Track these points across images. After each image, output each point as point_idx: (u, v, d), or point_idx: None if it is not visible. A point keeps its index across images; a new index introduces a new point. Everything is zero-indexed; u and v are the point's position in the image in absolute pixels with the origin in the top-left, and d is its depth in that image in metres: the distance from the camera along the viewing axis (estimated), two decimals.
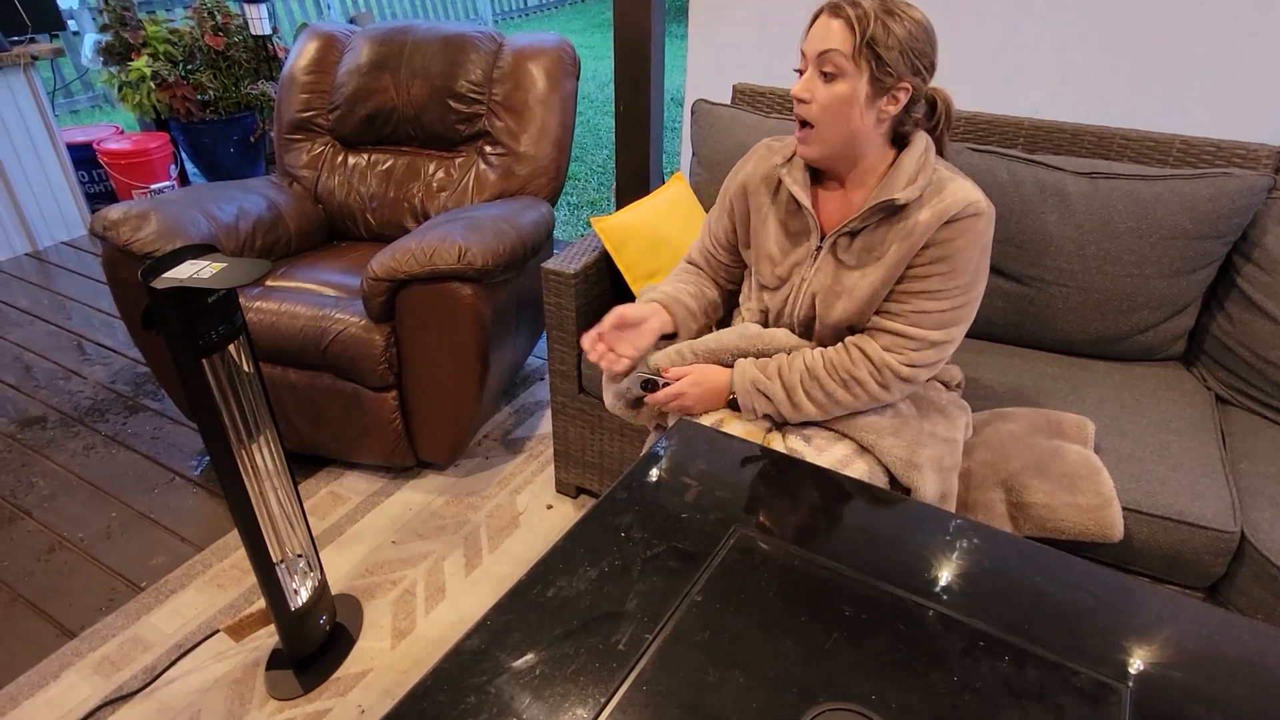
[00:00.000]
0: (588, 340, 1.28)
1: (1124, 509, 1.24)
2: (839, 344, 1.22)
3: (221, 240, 1.93)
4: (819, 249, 1.23)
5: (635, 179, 2.60)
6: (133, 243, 1.77)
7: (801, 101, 1.13)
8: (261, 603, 1.61)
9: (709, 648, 0.82)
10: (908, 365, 1.18)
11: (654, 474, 1.08)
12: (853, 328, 1.24)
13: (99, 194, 3.59)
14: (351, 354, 1.75)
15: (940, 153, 1.22)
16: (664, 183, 1.90)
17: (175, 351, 1.12)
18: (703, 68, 2.36)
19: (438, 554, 1.74)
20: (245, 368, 1.22)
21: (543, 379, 2.37)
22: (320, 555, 1.68)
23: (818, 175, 1.25)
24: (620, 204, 2.70)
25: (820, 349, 1.23)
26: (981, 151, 1.64)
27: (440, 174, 2.21)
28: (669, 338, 1.36)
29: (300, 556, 1.42)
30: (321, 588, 1.47)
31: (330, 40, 2.30)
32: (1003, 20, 1.78)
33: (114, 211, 1.80)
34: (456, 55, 2.17)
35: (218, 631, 1.50)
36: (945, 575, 0.92)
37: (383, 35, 2.24)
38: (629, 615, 0.86)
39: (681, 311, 1.35)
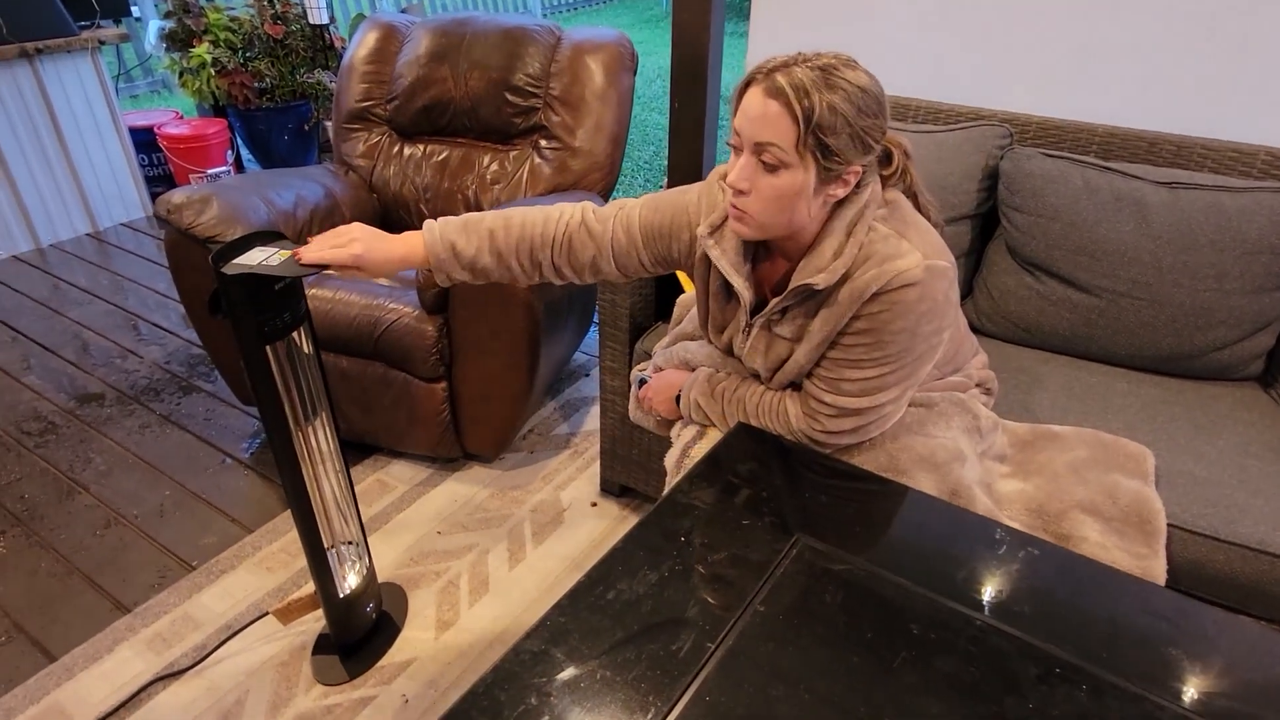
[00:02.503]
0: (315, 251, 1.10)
1: (1200, 535, 1.19)
2: (778, 392, 1.18)
3: (279, 226, 1.95)
4: (750, 326, 1.15)
5: (687, 177, 2.58)
6: (195, 226, 1.79)
7: (739, 192, 0.99)
8: (310, 587, 1.63)
9: (773, 661, 0.80)
10: (821, 431, 1.12)
11: (713, 478, 1.06)
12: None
13: (157, 177, 3.67)
14: (404, 344, 1.75)
15: (912, 196, 1.10)
16: None
17: (241, 337, 1.13)
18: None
19: (482, 547, 1.75)
20: (307, 355, 1.22)
21: (588, 375, 2.36)
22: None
23: (759, 243, 1.13)
24: None
25: (764, 387, 1.20)
26: (1055, 157, 1.59)
27: (495, 166, 2.21)
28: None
29: (351, 544, 1.43)
30: (370, 575, 1.47)
31: (390, 31, 2.31)
32: (1079, 25, 1.72)
33: (177, 195, 1.83)
34: (515, 48, 2.17)
35: (266, 614, 1.52)
36: (1016, 596, 0.88)
37: (442, 27, 2.24)
38: (690, 623, 0.84)
39: (452, 277, 1.16)
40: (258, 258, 1.11)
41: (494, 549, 1.74)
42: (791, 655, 0.81)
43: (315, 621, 1.55)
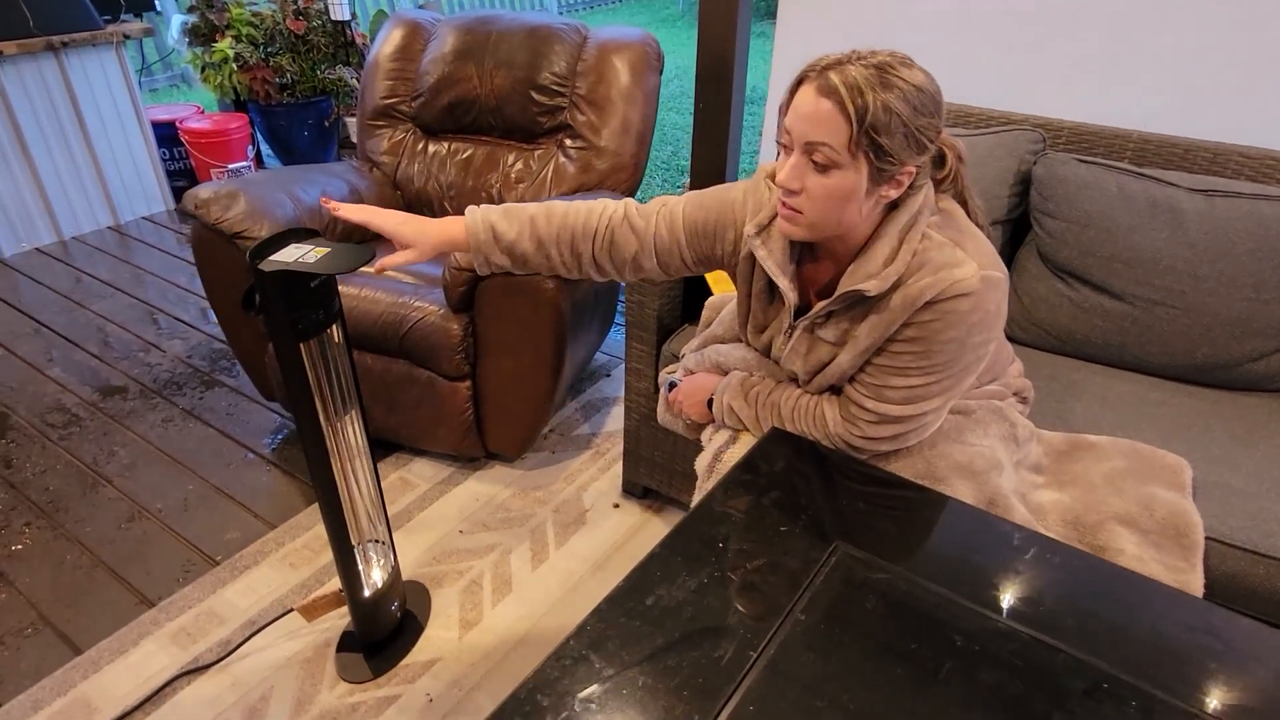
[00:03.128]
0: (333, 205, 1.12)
1: (1239, 549, 1.17)
2: (815, 395, 1.17)
3: (305, 222, 1.95)
4: (793, 328, 1.14)
5: (711, 178, 2.57)
6: (222, 221, 1.80)
7: (790, 192, 0.97)
8: (334, 585, 1.63)
9: (815, 671, 0.79)
10: (860, 437, 1.10)
11: (749, 484, 1.05)
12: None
13: (178, 171, 3.68)
14: (429, 342, 1.75)
15: (962, 201, 1.08)
16: None
17: (275, 334, 1.13)
18: (790, 67, 2.31)
19: (504, 546, 1.74)
20: (339, 353, 1.22)
21: (609, 375, 2.36)
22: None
23: (806, 244, 1.11)
24: None
25: (800, 392, 1.19)
26: (1089, 163, 1.57)
27: (519, 165, 2.21)
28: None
29: (377, 543, 1.43)
30: (395, 574, 1.47)
31: (415, 28, 2.31)
32: (1111, 28, 1.70)
33: (204, 191, 1.84)
34: (541, 46, 2.16)
35: (291, 610, 1.52)
36: (1059, 608, 0.87)
37: (468, 25, 2.24)
38: (731, 631, 0.83)
39: (493, 262, 1.15)
40: (294, 254, 1.10)
41: (516, 549, 1.74)
42: (834, 665, 0.80)
43: (339, 619, 1.55)
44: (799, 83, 0.94)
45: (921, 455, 1.15)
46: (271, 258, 1.09)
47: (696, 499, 1.29)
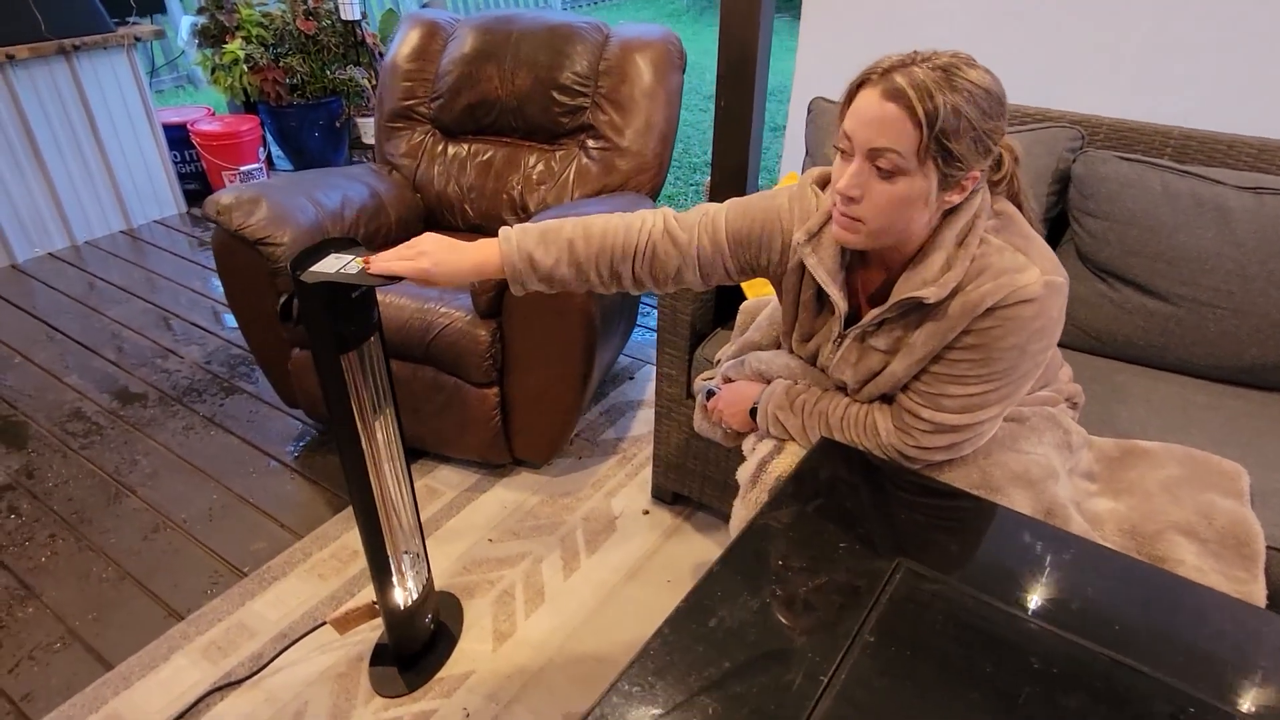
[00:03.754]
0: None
1: None
2: (865, 405, 1.14)
3: (327, 227, 1.93)
4: (842, 337, 1.11)
5: (732, 178, 2.53)
6: (245, 228, 1.77)
7: (850, 200, 0.93)
8: (365, 596, 1.61)
9: (890, 697, 0.77)
10: (915, 447, 1.07)
11: (803, 498, 1.02)
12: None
13: (189, 174, 3.66)
14: (456, 349, 1.72)
15: (1017, 203, 1.04)
16: (772, 183, 1.84)
17: (316, 346, 1.10)
18: (814, 63, 2.28)
19: (535, 555, 1.72)
20: (377, 363, 1.19)
21: (632, 378, 2.33)
22: None
23: (856, 251, 1.07)
24: (715, 201, 2.64)
25: (848, 401, 1.16)
26: (1132, 161, 1.54)
27: (540, 166, 2.18)
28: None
29: (412, 554, 1.40)
30: (429, 585, 1.45)
31: (433, 29, 2.28)
32: (1150, 21, 1.67)
33: (225, 196, 1.81)
34: (562, 46, 2.13)
35: (324, 623, 1.50)
36: (1134, 626, 0.84)
37: (487, 25, 2.21)
38: (798, 654, 0.81)
39: (529, 288, 1.11)
40: (334, 265, 1.08)
41: (547, 557, 1.71)
42: (908, 691, 0.77)
43: (371, 631, 1.53)
44: (859, 85, 0.91)
45: (976, 464, 1.12)
46: (312, 269, 1.06)
47: (739, 509, 1.27)
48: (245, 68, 3.55)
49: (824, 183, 1.10)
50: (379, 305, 1.75)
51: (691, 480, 1.77)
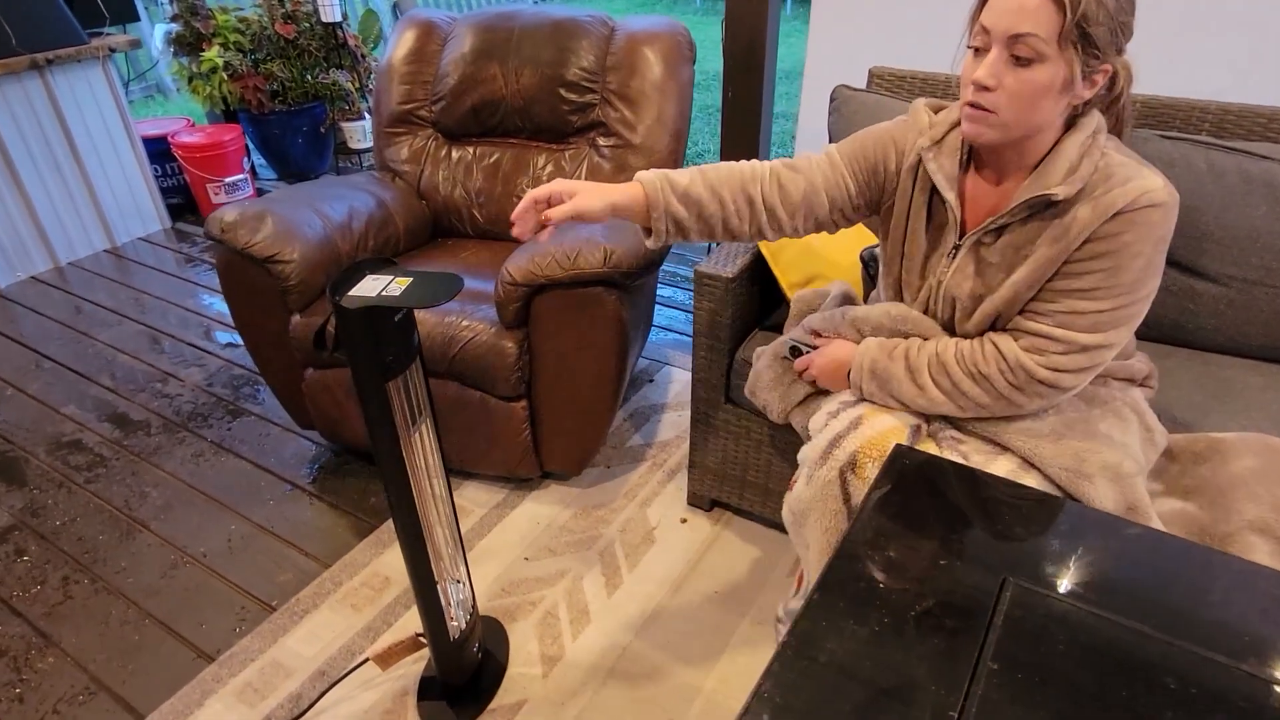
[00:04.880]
0: (523, 206, 1.09)
1: None
2: (978, 338, 1.12)
3: (336, 240, 1.85)
4: (957, 248, 1.11)
5: None
6: (251, 245, 1.69)
7: (984, 89, 0.96)
8: (403, 626, 1.54)
9: None
10: (1048, 369, 1.05)
11: (890, 512, 0.97)
12: (994, 326, 1.13)
13: (172, 188, 3.53)
14: (483, 363, 1.66)
15: (1117, 132, 1.06)
16: None
17: (359, 374, 1.03)
18: (827, 47, 2.22)
19: (575, 572, 1.66)
20: (419, 388, 1.13)
21: (652, 380, 2.27)
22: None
23: (972, 158, 1.11)
24: None
25: (957, 340, 1.14)
26: (1173, 139, 1.50)
27: (550, 167, 2.10)
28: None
29: (458, 582, 1.34)
30: (474, 611, 1.39)
31: (430, 29, 2.20)
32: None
33: (229, 213, 1.73)
34: (567, 41, 2.06)
35: (366, 660, 1.43)
36: (1266, 634, 0.80)
37: (487, 22, 2.13)
38: (921, 688, 0.76)
39: (671, 211, 1.10)
40: (374, 287, 1.01)
41: (588, 574, 1.65)
42: None
43: (413, 663, 1.47)
44: None
45: (1071, 448, 1.08)
46: (351, 293, 0.99)
47: (803, 490, 1.19)
48: (225, 75, 3.43)
49: (935, 109, 1.15)
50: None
51: (731, 486, 1.72)
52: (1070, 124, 1.01)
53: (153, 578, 1.69)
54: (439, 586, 1.26)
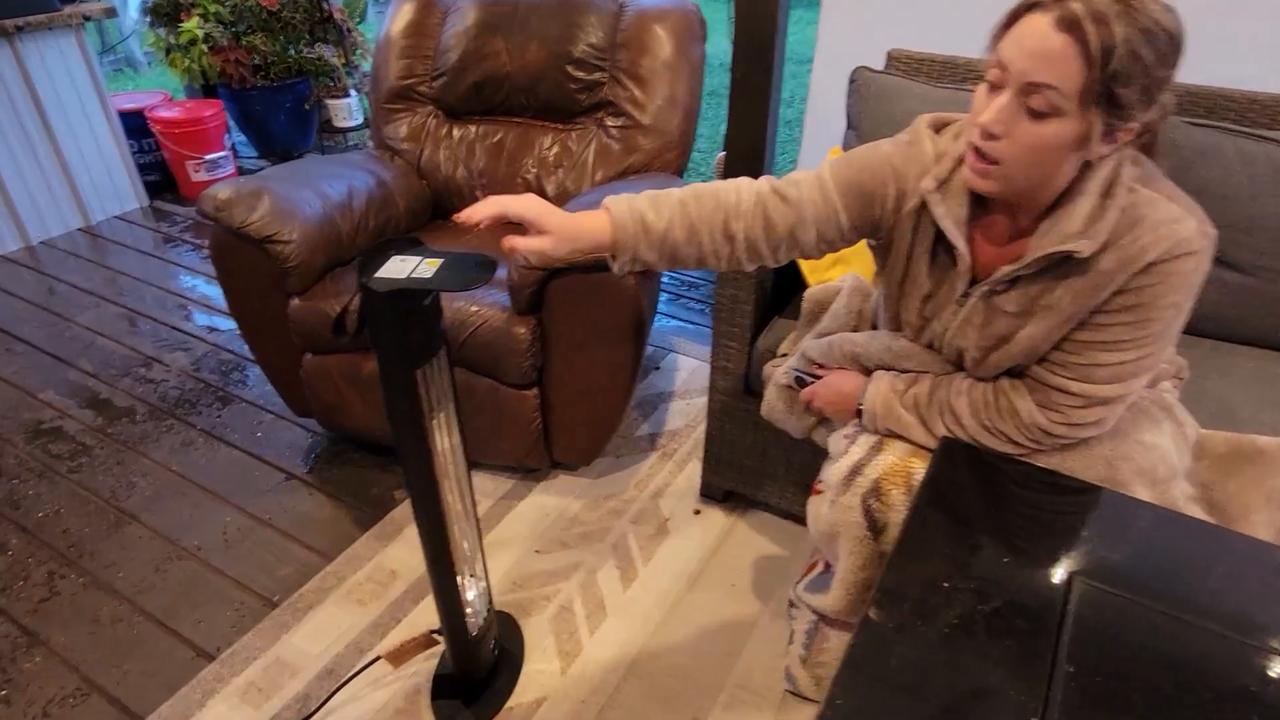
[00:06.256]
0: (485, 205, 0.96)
1: None
2: (990, 385, 1.05)
3: (337, 220, 1.77)
4: (966, 295, 1.02)
5: (748, 156, 2.42)
6: (248, 225, 1.61)
7: (991, 137, 0.86)
8: (412, 622, 1.48)
9: None
10: (1064, 424, 0.99)
11: (943, 507, 0.93)
12: (1009, 372, 1.06)
13: (149, 165, 3.40)
14: (493, 349, 1.60)
15: (1148, 150, 0.95)
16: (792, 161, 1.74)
17: (385, 362, 0.97)
18: (839, 31, 2.17)
19: (588, 565, 1.61)
20: (444, 377, 1.07)
21: (658, 368, 2.22)
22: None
23: (980, 200, 0.99)
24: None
25: (969, 383, 1.07)
26: (1203, 126, 1.47)
27: (556, 148, 2.04)
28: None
29: (475, 577, 1.29)
30: (491, 608, 1.34)
31: (429, 1, 2.11)
32: None
33: (223, 191, 1.64)
34: (575, 16, 1.99)
35: (378, 659, 1.37)
36: None
37: None
38: (998, 693, 0.72)
39: (639, 257, 1.00)
40: (402, 268, 0.95)
41: (602, 567, 1.61)
42: None
43: (424, 660, 1.41)
44: (1028, 7, 0.81)
45: (1101, 455, 1.05)
46: (378, 274, 0.93)
47: (826, 513, 1.15)
48: (204, 48, 3.30)
49: (938, 127, 1.03)
50: None
51: (747, 478, 1.68)
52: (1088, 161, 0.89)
53: (145, 572, 1.61)
54: (460, 583, 1.21)
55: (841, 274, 1.51)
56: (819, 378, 1.23)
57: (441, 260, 0.96)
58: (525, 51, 1.99)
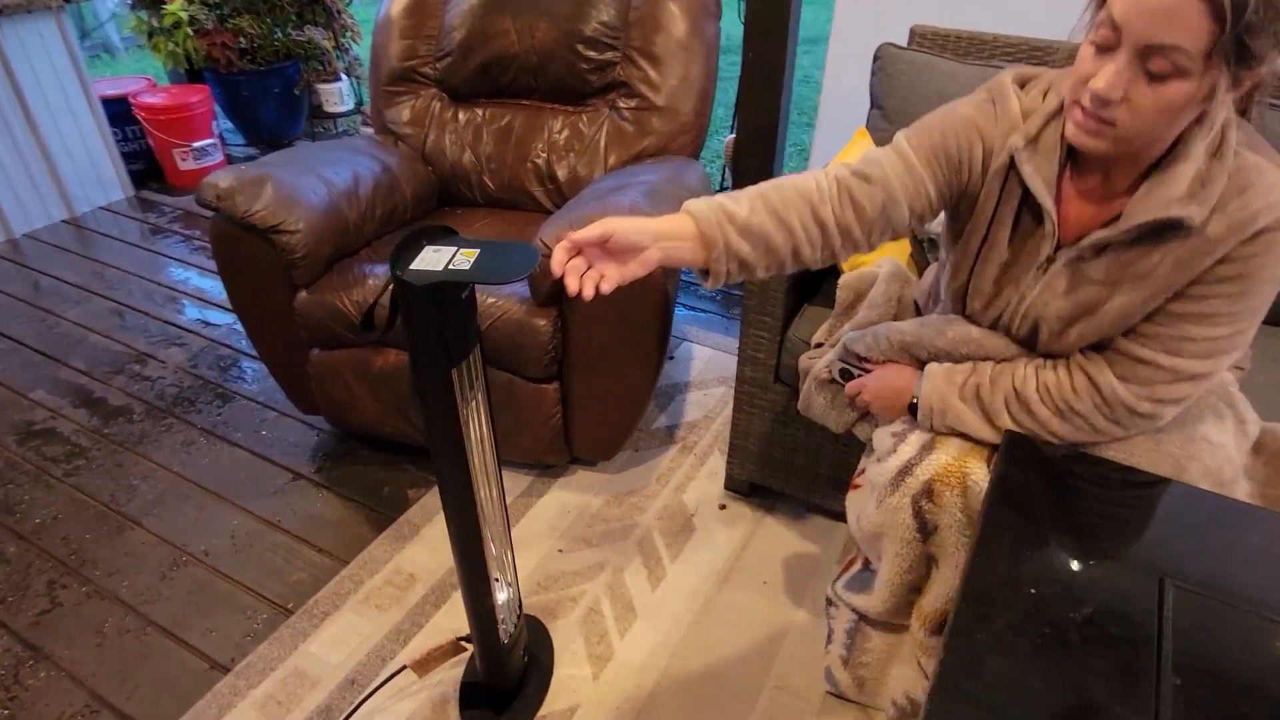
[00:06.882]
0: (561, 252, 0.85)
1: None
2: (1064, 363, 0.99)
3: (343, 208, 1.69)
4: (1051, 260, 0.97)
5: (761, 136, 2.36)
6: (253, 214, 1.53)
7: (1105, 102, 0.80)
8: (437, 628, 1.42)
9: None
10: (1150, 400, 0.93)
11: (1016, 506, 0.88)
12: (1091, 347, 1.00)
13: (133, 153, 3.28)
14: (512, 343, 1.53)
15: (1243, 111, 0.89)
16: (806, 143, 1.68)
17: (422, 360, 0.90)
18: (857, 6, 2.11)
19: (614, 564, 1.56)
20: (478, 375, 1.00)
21: (672, 358, 2.16)
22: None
23: (1071, 154, 0.94)
24: (740, 166, 2.47)
25: (1036, 366, 1.01)
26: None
27: (566, 131, 1.96)
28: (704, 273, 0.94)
29: (506, 583, 1.23)
30: (521, 612, 1.28)
31: None
32: None
33: (224, 179, 1.56)
34: None
35: (404, 668, 1.31)
36: None
37: None
38: (1104, 708, 0.67)
39: (733, 250, 0.91)
40: (438, 259, 0.88)
41: (628, 566, 1.55)
42: None
43: (451, 668, 1.36)
44: None
45: (1171, 455, 1.00)
46: (413, 266, 0.86)
47: (873, 513, 1.10)
48: (189, 31, 3.19)
49: (1023, 83, 0.98)
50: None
51: (775, 471, 1.63)
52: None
53: (151, 580, 1.54)
54: (494, 589, 1.15)
55: (856, 273, 1.45)
56: (866, 371, 1.17)
57: (479, 250, 0.89)
58: (534, 30, 1.91)
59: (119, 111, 3.15)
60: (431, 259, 0.88)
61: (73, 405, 2.02)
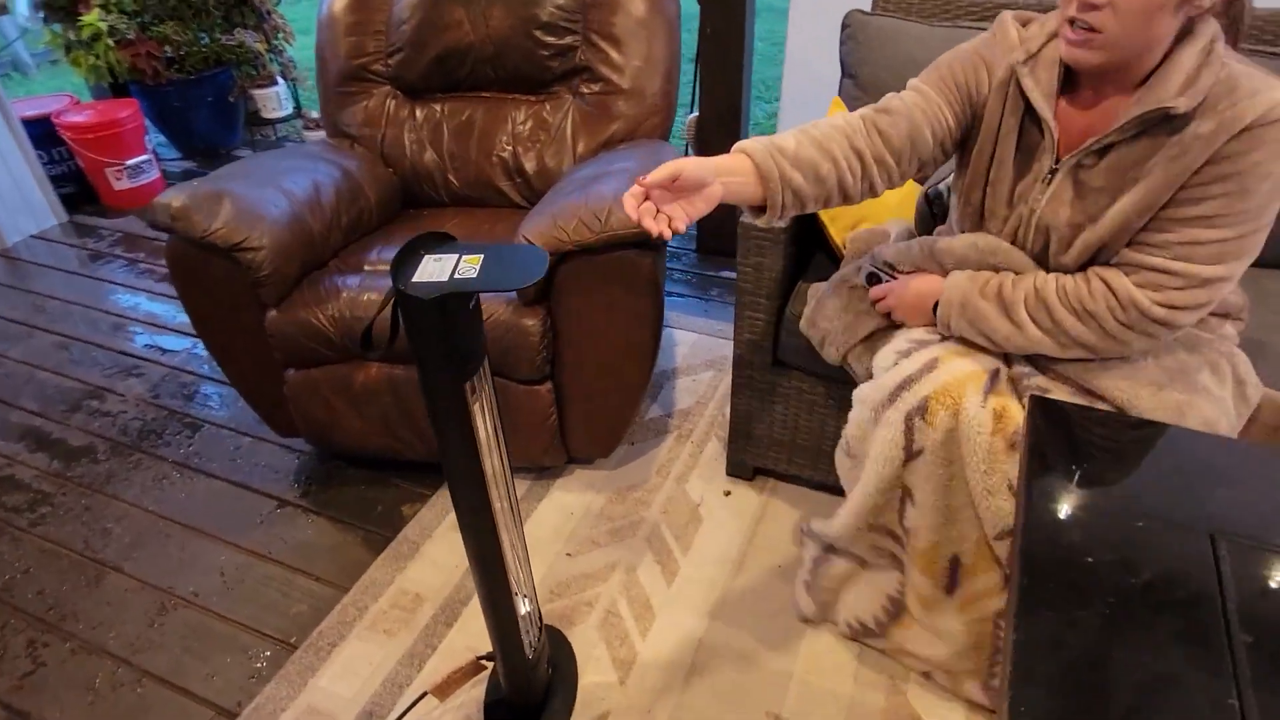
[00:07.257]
0: (631, 199, 0.87)
1: None
2: (1081, 274, 1.03)
3: (307, 219, 1.61)
4: (1053, 171, 1.02)
5: (724, 114, 2.32)
6: (212, 233, 1.44)
7: (1092, 7, 0.88)
8: (452, 649, 1.37)
9: None
10: (1165, 305, 0.97)
11: (1056, 474, 0.87)
12: (1096, 259, 1.05)
13: (62, 175, 3.10)
14: (502, 345, 1.47)
15: (1231, 41, 0.97)
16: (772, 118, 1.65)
17: (431, 376, 0.85)
18: None
19: (625, 563, 1.52)
20: (487, 386, 0.95)
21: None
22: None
23: (1068, 75, 1.01)
24: (703, 144, 2.42)
25: (1056, 275, 1.05)
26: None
27: (529, 122, 1.90)
28: (757, 209, 1.00)
29: (525, 596, 1.18)
30: (542, 623, 1.24)
31: None
32: None
33: (176, 198, 1.47)
34: None
35: (425, 694, 1.26)
36: None
37: None
38: (1184, 682, 0.66)
39: (788, 179, 0.95)
40: (441, 269, 0.82)
41: (640, 563, 1.52)
42: None
43: (471, 688, 1.31)
44: None
45: (1174, 401, 1.02)
46: (415, 279, 0.81)
47: (863, 426, 1.14)
48: (110, 42, 3.01)
49: (1024, 21, 1.07)
50: (351, 304, 1.49)
51: (778, 451, 1.60)
52: (1182, 33, 0.91)
53: (139, 628, 1.46)
54: (517, 607, 1.11)
55: (867, 228, 1.44)
56: (893, 278, 1.20)
57: (482, 256, 0.84)
58: (488, 18, 1.84)
59: (42, 133, 2.97)
60: (434, 269, 0.82)
61: (29, 450, 1.90)
